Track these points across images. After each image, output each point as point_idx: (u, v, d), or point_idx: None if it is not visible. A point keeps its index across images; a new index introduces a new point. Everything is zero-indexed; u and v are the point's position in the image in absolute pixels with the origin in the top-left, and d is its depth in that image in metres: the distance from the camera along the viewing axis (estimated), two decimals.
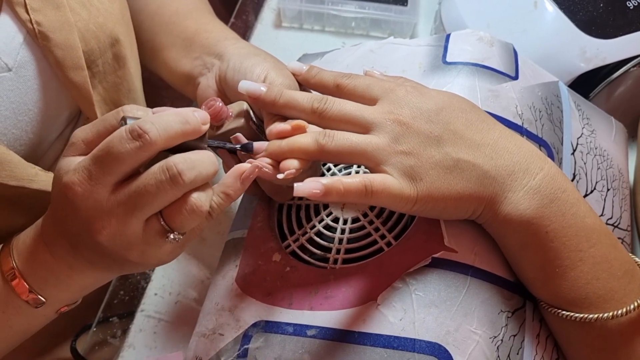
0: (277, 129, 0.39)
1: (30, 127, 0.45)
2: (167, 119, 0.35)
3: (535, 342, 0.38)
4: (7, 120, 0.44)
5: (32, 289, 0.39)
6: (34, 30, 0.43)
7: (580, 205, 0.37)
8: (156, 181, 0.34)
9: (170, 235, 0.36)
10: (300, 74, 0.44)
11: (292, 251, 0.43)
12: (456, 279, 0.37)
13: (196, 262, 0.56)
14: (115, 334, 0.53)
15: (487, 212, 0.37)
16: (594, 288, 0.36)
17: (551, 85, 0.50)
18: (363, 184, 0.35)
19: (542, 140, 0.45)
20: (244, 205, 0.50)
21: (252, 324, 0.40)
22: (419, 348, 0.35)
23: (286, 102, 0.40)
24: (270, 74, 0.44)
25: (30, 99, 0.45)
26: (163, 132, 0.34)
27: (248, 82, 0.41)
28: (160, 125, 0.34)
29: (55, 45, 0.44)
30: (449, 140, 0.37)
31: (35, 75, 0.45)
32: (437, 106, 0.38)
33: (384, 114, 0.38)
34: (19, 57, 0.43)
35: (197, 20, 0.55)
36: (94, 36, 0.47)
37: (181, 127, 0.35)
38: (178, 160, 0.35)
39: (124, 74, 0.52)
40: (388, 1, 0.73)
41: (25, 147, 0.46)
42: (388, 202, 0.36)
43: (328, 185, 0.35)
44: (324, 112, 0.39)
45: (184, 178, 0.34)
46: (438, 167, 0.36)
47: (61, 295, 0.41)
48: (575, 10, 0.58)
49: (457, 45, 0.48)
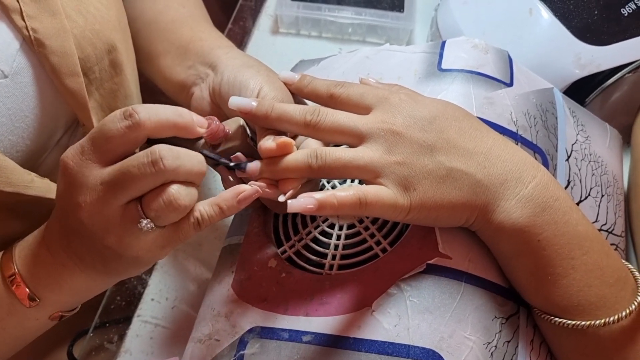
0: (264, 147, 0.39)
1: (27, 134, 0.46)
2: (161, 107, 0.36)
3: (529, 349, 0.38)
4: (4, 127, 0.44)
5: (30, 291, 0.40)
6: (29, 37, 0.44)
7: (572, 213, 0.37)
8: (138, 163, 0.35)
9: (142, 221, 0.36)
10: (292, 83, 0.44)
11: (288, 257, 0.43)
12: (450, 285, 0.37)
13: (193, 268, 0.57)
14: (111, 339, 0.53)
15: (480, 220, 0.37)
16: (586, 295, 0.36)
17: (546, 92, 0.50)
18: (357, 196, 0.36)
19: (536, 147, 0.46)
20: (240, 212, 0.50)
21: (248, 329, 0.40)
22: (414, 354, 0.35)
23: (278, 115, 0.40)
24: (264, 88, 0.43)
25: (26, 105, 0.45)
26: (154, 115, 0.35)
27: (238, 99, 0.41)
28: (152, 110, 0.36)
29: (51, 52, 0.44)
30: (442, 149, 0.37)
31: (31, 82, 0.45)
32: (431, 114, 0.38)
33: (377, 123, 0.38)
34: (15, 64, 0.44)
35: (193, 28, 0.55)
36: (90, 43, 0.48)
37: (173, 118, 0.36)
38: (163, 147, 0.35)
39: (120, 80, 0.52)
40: (385, 7, 0.74)
41: (22, 154, 0.46)
42: (381, 213, 0.37)
43: (321, 200, 0.36)
44: (317, 125, 0.39)
45: (165, 163, 0.35)
46: (431, 176, 0.37)
47: (53, 298, 0.41)
48: (570, 17, 0.58)
49: (452, 52, 0.49)
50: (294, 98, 0.45)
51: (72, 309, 0.44)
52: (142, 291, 0.55)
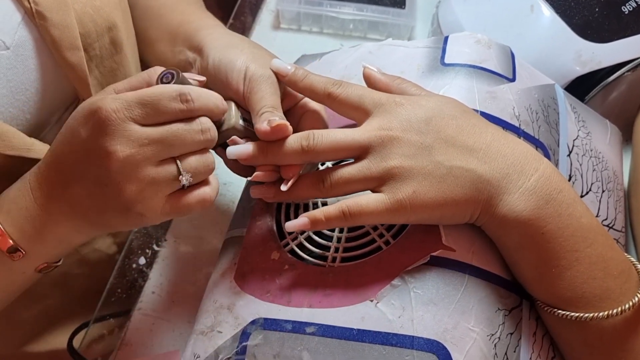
0: (262, 130, 0.40)
1: (27, 107, 0.46)
2: (209, 97, 0.40)
3: (532, 340, 0.38)
4: (4, 99, 0.44)
5: (13, 241, 0.40)
6: (31, 10, 0.44)
7: (576, 205, 0.37)
8: (191, 129, 0.39)
9: (185, 174, 0.39)
10: (285, 75, 0.43)
11: (291, 249, 0.43)
12: (454, 277, 0.37)
13: (194, 261, 0.57)
14: (112, 332, 0.53)
15: (484, 215, 0.37)
16: (590, 287, 0.36)
17: (547, 87, 0.50)
18: (340, 209, 0.38)
19: (538, 142, 0.46)
20: (242, 205, 0.50)
21: (250, 321, 0.40)
22: (418, 345, 0.35)
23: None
24: (250, 67, 0.44)
25: (27, 78, 0.45)
26: (204, 105, 0.39)
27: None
28: (203, 96, 0.39)
29: (52, 25, 0.45)
30: (441, 149, 0.37)
31: (33, 54, 0.45)
32: (427, 115, 0.39)
33: (375, 130, 0.39)
34: (17, 36, 0.44)
35: (182, 12, 0.55)
36: (90, 19, 0.48)
37: (217, 102, 0.40)
38: (207, 120, 0.40)
39: (120, 59, 0.52)
40: (386, 4, 0.74)
41: (22, 127, 0.46)
42: (373, 220, 0.38)
43: (311, 218, 0.39)
44: (314, 147, 0.39)
45: (211, 134, 0.40)
46: (431, 176, 0.37)
47: (38, 249, 0.41)
48: (571, 14, 0.59)
49: (455, 47, 0.49)
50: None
51: (57, 261, 0.44)
52: (143, 284, 0.55)
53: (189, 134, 0.38)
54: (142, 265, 0.56)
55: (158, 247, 0.57)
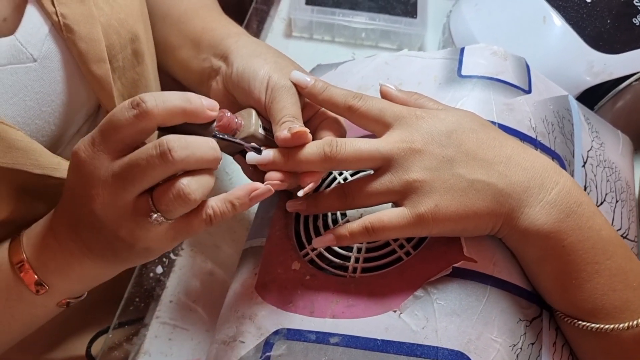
0: (281, 137, 0.40)
1: (53, 119, 0.46)
2: (168, 94, 0.36)
3: (552, 350, 0.39)
4: (31, 111, 0.44)
5: (38, 277, 0.40)
6: (59, 23, 0.44)
7: (596, 218, 0.38)
8: (147, 156, 0.34)
9: (153, 215, 0.36)
10: (305, 87, 0.43)
11: (311, 259, 0.44)
12: (476, 289, 0.38)
13: (211, 270, 0.57)
14: (130, 341, 0.53)
15: (505, 228, 0.38)
16: (610, 299, 0.36)
17: (562, 99, 0.51)
18: (363, 226, 0.39)
19: (554, 153, 0.46)
20: (260, 215, 0.51)
21: (273, 331, 0.41)
22: (442, 356, 0.36)
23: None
24: (272, 77, 0.44)
25: (53, 90, 0.45)
26: (161, 103, 0.35)
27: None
28: (159, 97, 0.35)
29: (79, 38, 0.45)
30: (462, 162, 0.38)
31: (59, 67, 0.45)
32: (448, 128, 0.39)
33: (397, 143, 0.39)
34: (44, 48, 0.44)
35: (204, 19, 0.55)
36: (115, 31, 0.48)
37: (181, 104, 0.36)
38: (171, 138, 0.35)
39: (142, 70, 0.53)
40: (398, 13, 0.75)
41: (47, 138, 0.46)
42: (394, 235, 0.39)
43: (336, 234, 0.40)
44: (337, 155, 0.39)
45: (173, 155, 0.34)
46: (452, 189, 0.37)
47: (61, 285, 0.41)
48: (583, 25, 0.59)
49: (471, 58, 0.49)
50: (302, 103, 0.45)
51: (79, 296, 0.44)
52: (161, 293, 0.55)
53: (145, 162, 0.34)
54: (160, 274, 0.56)
55: (175, 256, 0.58)
